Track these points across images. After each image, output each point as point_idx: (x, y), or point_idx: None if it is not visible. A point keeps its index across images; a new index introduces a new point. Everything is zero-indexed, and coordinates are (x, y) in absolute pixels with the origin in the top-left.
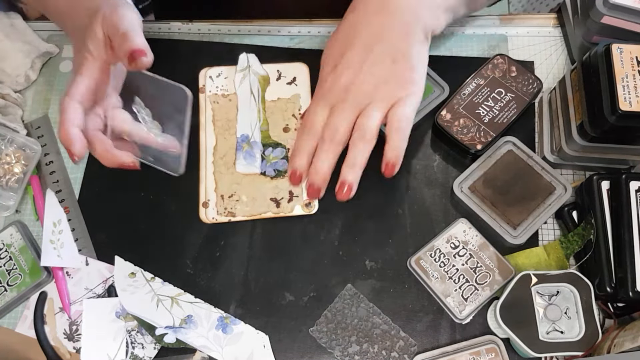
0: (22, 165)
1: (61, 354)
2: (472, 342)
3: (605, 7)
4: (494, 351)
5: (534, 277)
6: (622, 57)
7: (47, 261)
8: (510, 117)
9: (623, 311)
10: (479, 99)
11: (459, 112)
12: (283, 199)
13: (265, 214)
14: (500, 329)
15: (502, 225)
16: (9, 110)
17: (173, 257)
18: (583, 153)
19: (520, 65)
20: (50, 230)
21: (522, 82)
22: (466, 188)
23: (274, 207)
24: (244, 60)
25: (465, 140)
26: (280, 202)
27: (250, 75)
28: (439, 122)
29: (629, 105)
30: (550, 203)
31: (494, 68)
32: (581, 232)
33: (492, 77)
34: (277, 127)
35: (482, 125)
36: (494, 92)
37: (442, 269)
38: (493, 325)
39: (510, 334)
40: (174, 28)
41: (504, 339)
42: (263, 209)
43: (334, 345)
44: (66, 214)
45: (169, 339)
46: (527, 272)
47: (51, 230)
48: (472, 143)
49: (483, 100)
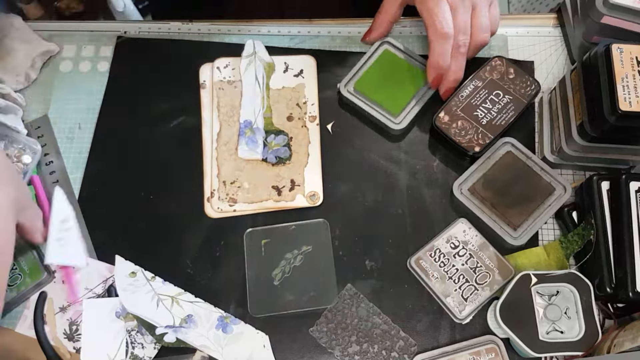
0: (22, 165)
1: (61, 354)
2: (472, 342)
3: (605, 7)
4: (493, 351)
5: (533, 277)
6: (622, 57)
7: (51, 259)
8: (508, 119)
9: (623, 311)
10: (477, 101)
11: (457, 114)
12: (285, 187)
13: (266, 201)
14: (500, 329)
15: (502, 227)
16: (9, 110)
17: (173, 257)
18: (583, 153)
19: (519, 66)
20: (57, 228)
21: (520, 84)
22: (466, 190)
23: (275, 195)
24: (250, 46)
25: (463, 143)
26: (281, 190)
27: (256, 61)
28: (437, 124)
29: (629, 105)
30: (550, 204)
31: (492, 70)
32: (581, 232)
33: (490, 79)
34: (281, 116)
35: (480, 127)
36: (492, 94)
37: (442, 269)
38: (493, 325)
39: (510, 334)
40: (174, 28)
41: (504, 339)
42: (264, 196)
43: (334, 345)
44: None
45: (169, 338)
46: (527, 272)
47: (57, 228)
48: (470, 145)
49: (481, 102)
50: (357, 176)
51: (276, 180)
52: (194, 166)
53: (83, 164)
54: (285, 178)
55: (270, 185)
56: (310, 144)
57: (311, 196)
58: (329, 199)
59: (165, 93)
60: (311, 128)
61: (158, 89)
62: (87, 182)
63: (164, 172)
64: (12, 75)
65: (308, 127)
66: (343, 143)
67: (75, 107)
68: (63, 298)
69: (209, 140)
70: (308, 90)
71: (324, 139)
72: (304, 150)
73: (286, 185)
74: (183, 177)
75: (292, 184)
